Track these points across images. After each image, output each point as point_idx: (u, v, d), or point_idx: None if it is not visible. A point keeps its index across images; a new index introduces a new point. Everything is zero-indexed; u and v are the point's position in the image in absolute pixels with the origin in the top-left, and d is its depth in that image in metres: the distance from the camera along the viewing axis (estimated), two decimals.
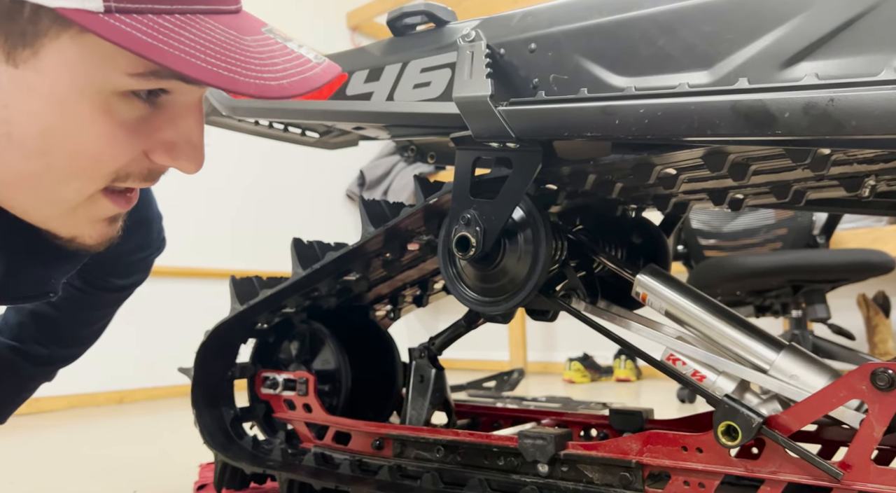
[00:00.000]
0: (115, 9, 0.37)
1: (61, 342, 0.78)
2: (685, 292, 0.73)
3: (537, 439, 0.70)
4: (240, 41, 0.41)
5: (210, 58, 0.39)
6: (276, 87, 0.40)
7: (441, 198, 0.76)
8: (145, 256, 0.81)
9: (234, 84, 0.39)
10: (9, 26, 0.38)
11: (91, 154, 0.42)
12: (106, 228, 0.48)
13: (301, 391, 0.96)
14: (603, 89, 0.58)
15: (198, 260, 2.84)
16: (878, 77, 0.42)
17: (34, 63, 0.39)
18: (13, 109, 0.39)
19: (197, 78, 0.38)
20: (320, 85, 0.43)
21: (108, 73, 0.39)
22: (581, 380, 2.84)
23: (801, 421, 0.59)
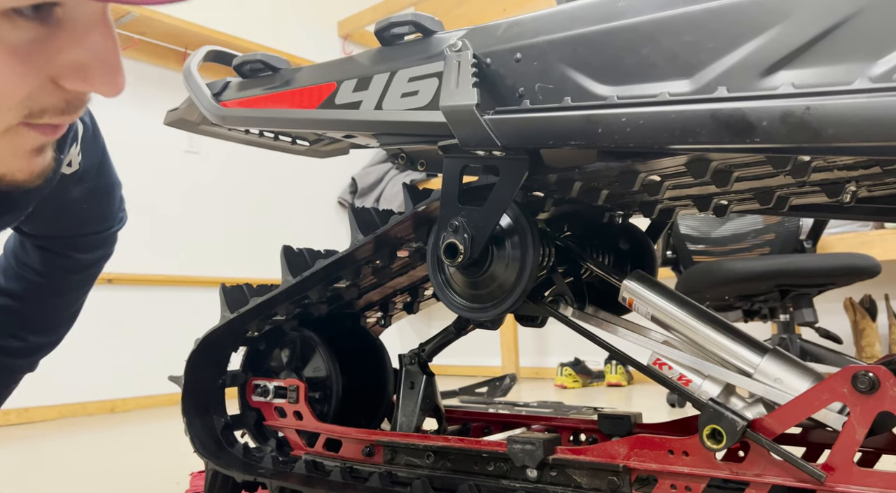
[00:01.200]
0: None
1: (36, 332, 0.77)
2: (671, 297, 0.74)
3: (526, 444, 0.71)
4: None
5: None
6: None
7: (430, 205, 0.77)
8: (108, 227, 0.80)
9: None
10: None
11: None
12: (35, 159, 0.45)
13: (292, 399, 0.96)
14: (587, 98, 0.59)
15: (189, 268, 2.84)
16: (852, 85, 0.43)
17: None
18: None
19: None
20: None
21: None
22: (573, 385, 2.84)
23: (785, 424, 0.60)
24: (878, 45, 0.47)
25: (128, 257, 2.60)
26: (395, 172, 3.68)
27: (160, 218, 2.77)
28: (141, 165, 2.69)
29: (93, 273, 0.81)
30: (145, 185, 2.71)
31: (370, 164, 3.76)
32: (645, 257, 0.92)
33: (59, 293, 0.78)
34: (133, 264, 2.62)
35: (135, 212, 2.86)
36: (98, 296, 2.62)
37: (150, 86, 2.81)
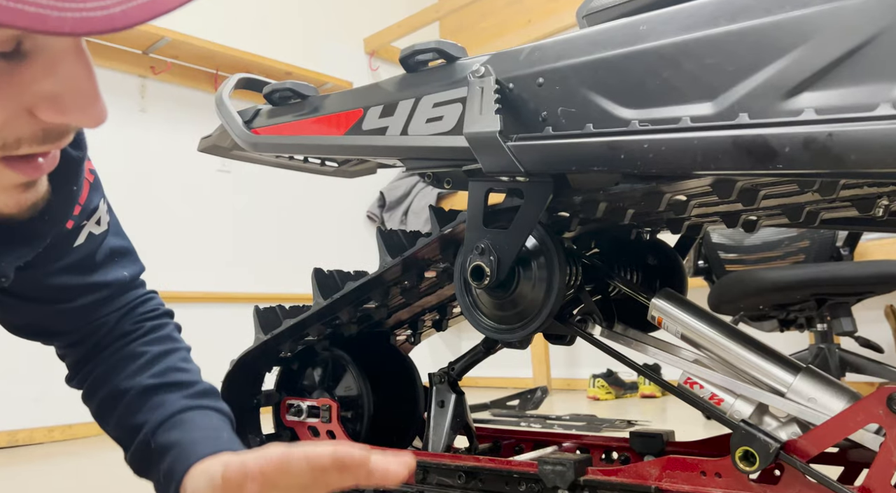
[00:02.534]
0: None
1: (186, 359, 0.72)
2: (701, 316, 0.74)
3: (557, 465, 0.71)
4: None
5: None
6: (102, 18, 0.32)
7: (456, 228, 0.78)
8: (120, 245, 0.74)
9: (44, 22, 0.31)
10: None
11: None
12: (22, 194, 0.44)
13: (325, 418, 0.98)
14: (610, 121, 0.60)
15: (223, 285, 2.89)
16: (875, 112, 0.43)
17: None
18: None
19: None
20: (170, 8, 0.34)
21: None
22: (605, 397, 2.81)
23: (820, 446, 0.59)
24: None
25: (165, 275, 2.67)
26: (423, 185, 3.70)
27: (194, 236, 2.83)
28: (175, 185, 2.76)
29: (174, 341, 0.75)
30: (180, 204, 2.78)
31: (398, 178, 3.79)
32: (674, 272, 0.92)
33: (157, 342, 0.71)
34: (169, 283, 2.68)
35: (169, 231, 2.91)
36: None
37: (183, 108, 2.89)
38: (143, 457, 0.64)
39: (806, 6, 0.52)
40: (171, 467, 0.59)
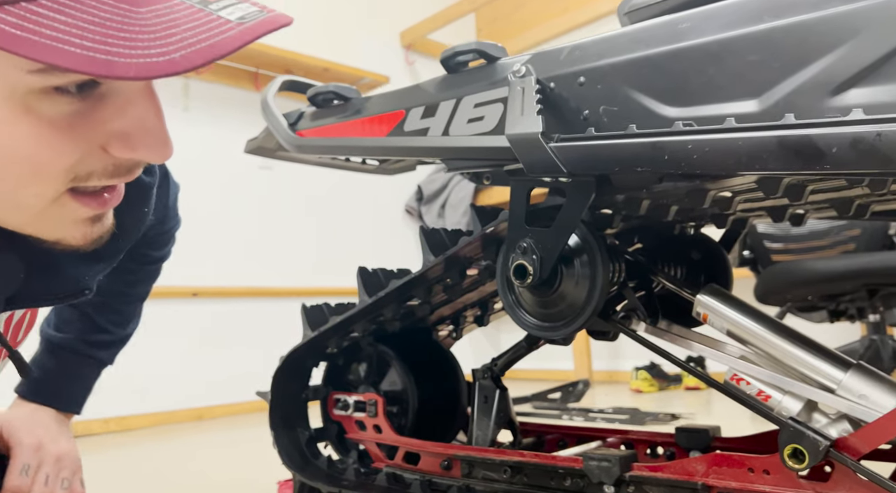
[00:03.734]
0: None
1: (117, 324, 0.84)
2: (747, 312, 0.73)
3: (602, 461, 0.71)
4: (129, 15, 0.37)
5: (87, 41, 0.35)
6: (164, 63, 0.35)
7: (497, 226, 0.79)
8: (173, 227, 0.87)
9: (111, 68, 0.34)
10: None
11: (27, 157, 0.40)
12: (88, 228, 0.47)
13: (371, 413, 1.00)
14: (653, 120, 0.60)
15: (267, 279, 2.95)
16: None
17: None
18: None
19: (67, 67, 0.34)
20: (227, 52, 0.37)
21: (9, 73, 0.37)
22: (649, 389, 2.79)
23: (871, 443, 0.58)
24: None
25: (211, 271, 2.74)
26: (459, 178, 3.71)
27: (238, 232, 2.90)
28: (217, 181, 2.82)
29: (157, 268, 0.89)
30: (224, 201, 2.85)
31: (435, 171, 3.81)
32: (718, 267, 0.91)
33: (132, 284, 0.85)
34: (216, 278, 2.75)
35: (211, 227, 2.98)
36: (185, 309, 2.75)
37: (224, 106, 2.95)
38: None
39: (854, 1, 0.51)
40: None
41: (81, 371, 0.83)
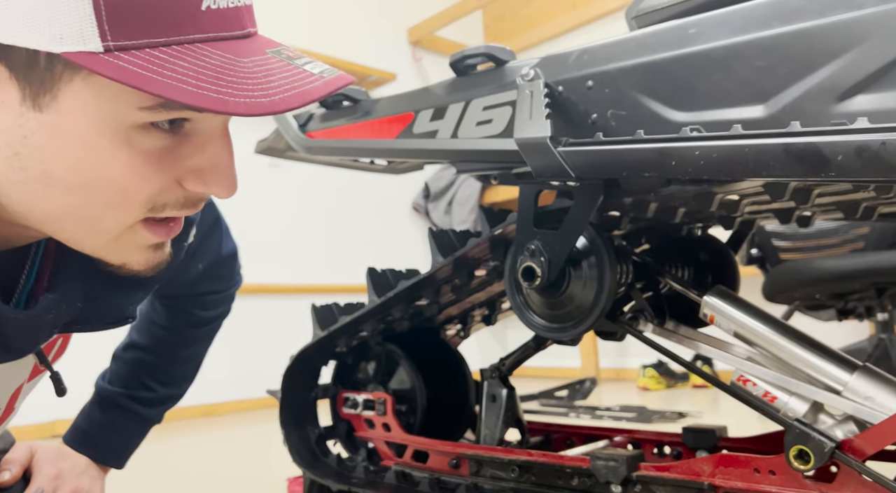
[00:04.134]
0: (113, 47, 0.39)
1: (163, 383, 0.86)
2: (754, 314, 0.74)
3: (609, 460, 0.72)
4: (236, 64, 0.42)
5: (202, 82, 0.40)
6: (266, 103, 0.41)
7: (506, 228, 0.80)
8: (226, 288, 0.88)
9: (224, 105, 0.40)
10: (30, 75, 0.41)
11: (119, 185, 0.44)
12: (151, 254, 0.51)
13: (380, 411, 1.01)
14: (660, 124, 0.61)
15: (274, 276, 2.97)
16: None
17: (55, 106, 0.42)
18: (45, 149, 0.43)
19: (188, 103, 0.40)
20: (316, 98, 0.44)
21: (121, 108, 0.42)
22: (656, 387, 2.79)
23: (877, 445, 0.59)
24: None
25: None
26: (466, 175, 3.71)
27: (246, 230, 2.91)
28: None
29: (213, 328, 0.90)
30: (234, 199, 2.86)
31: (442, 169, 3.81)
32: (726, 268, 0.92)
33: (183, 345, 0.87)
34: None
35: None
36: None
37: None
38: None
39: (861, 7, 0.51)
40: None
41: (123, 425, 0.85)
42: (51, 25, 0.39)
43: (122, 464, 0.86)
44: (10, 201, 0.46)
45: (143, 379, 0.84)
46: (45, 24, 0.39)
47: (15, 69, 0.41)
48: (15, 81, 0.41)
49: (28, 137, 0.42)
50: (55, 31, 0.39)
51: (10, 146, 0.43)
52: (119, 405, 0.83)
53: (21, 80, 0.41)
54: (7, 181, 0.45)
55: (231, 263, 0.84)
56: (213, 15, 0.43)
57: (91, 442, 0.82)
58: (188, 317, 0.85)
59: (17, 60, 0.41)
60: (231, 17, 0.44)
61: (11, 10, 0.39)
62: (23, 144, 0.43)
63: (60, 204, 0.45)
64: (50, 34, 0.39)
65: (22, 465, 0.75)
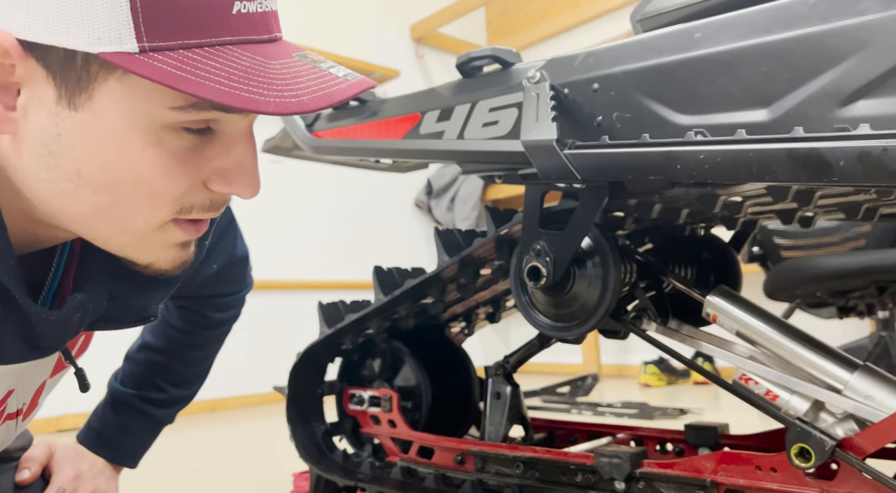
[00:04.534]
0: (148, 48, 0.41)
1: (175, 384, 0.87)
2: (756, 313, 0.75)
3: (613, 457, 0.73)
4: (265, 65, 0.44)
5: (233, 82, 0.42)
6: (295, 103, 0.43)
7: (511, 228, 0.81)
8: (238, 291, 0.89)
9: (255, 104, 0.41)
10: (67, 75, 0.42)
11: (148, 184, 0.45)
12: (178, 252, 0.52)
13: (386, 408, 1.02)
14: (665, 127, 0.61)
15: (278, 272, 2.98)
16: None
17: (90, 105, 0.43)
18: (78, 148, 0.44)
19: (220, 102, 0.41)
20: (343, 99, 0.45)
21: (153, 107, 0.43)
22: (657, 384, 2.81)
23: (876, 443, 0.60)
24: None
25: None
26: None
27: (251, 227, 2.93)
28: None
29: (225, 330, 0.91)
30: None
31: (444, 165, 3.82)
32: (728, 267, 0.93)
33: (195, 347, 0.89)
34: None
35: None
36: None
37: None
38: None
39: (863, 14, 0.52)
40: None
41: (136, 426, 0.86)
42: (89, 27, 0.40)
43: (135, 464, 0.87)
44: (41, 201, 0.47)
45: (156, 380, 0.85)
46: (84, 25, 0.40)
47: (52, 69, 0.42)
48: (51, 81, 0.43)
49: (63, 135, 0.44)
50: (93, 32, 0.40)
51: (45, 145, 0.44)
52: (132, 406, 0.84)
53: (58, 80, 0.43)
54: (38, 180, 0.46)
55: (243, 265, 0.86)
56: (242, 19, 0.44)
57: (105, 443, 0.84)
58: (201, 319, 0.86)
59: (54, 61, 0.42)
60: (259, 22, 0.45)
61: (50, 12, 0.40)
62: (57, 143, 0.44)
63: (91, 203, 0.46)
64: (88, 35, 0.40)
65: (41, 464, 0.76)
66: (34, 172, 0.46)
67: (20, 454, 0.77)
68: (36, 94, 0.43)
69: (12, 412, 0.63)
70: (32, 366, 0.59)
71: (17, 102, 0.44)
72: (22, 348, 0.54)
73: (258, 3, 0.45)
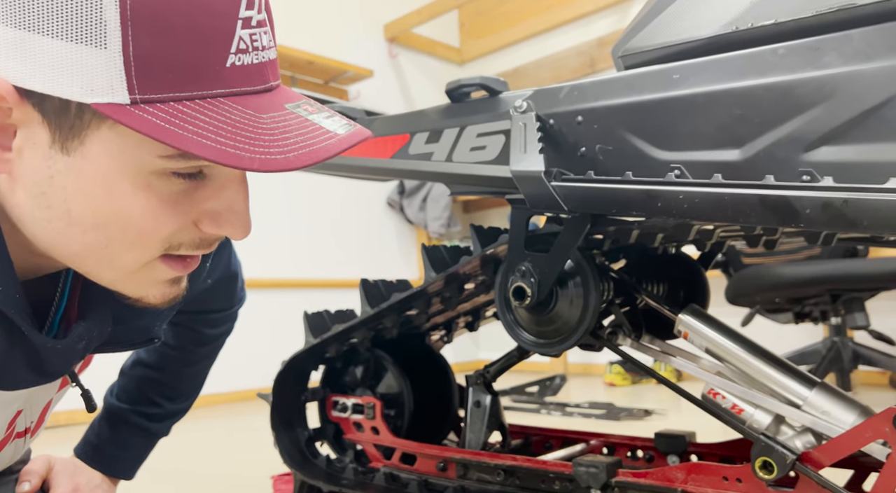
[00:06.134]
0: (140, 100, 0.42)
1: (169, 399, 0.89)
2: (724, 332, 0.80)
3: (590, 467, 0.78)
4: (255, 120, 0.44)
5: (220, 137, 0.42)
6: (281, 161, 0.43)
7: (497, 248, 0.85)
8: (230, 307, 0.91)
9: (239, 161, 0.42)
10: (61, 121, 0.44)
11: (136, 226, 0.46)
12: (168, 288, 0.53)
13: (369, 415, 1.06)
14: (645, 162, 0.66)
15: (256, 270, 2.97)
16: (886, 185, 0.48)
17: (82, 150, 0.44)
18: (69, 190, 0.45)
19: (205, 157, 0.41)
20: (328, 156, 0.45)
21: (142, 156, 0.44)
22: (622, 383, 2.89)
23: (832, 457, 0.66)
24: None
25: None
26: None
27: None
28: None
29: (218, 345, 0.93)
30: None
31: None
32: (697, 284, 0.98)
33: (188, 363, 0.90)
34: None
35: None
36: None
37: None
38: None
39: (827, 67, 0.57)
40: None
41: (132, 441, 0.88)
42: (83, 78, 0.42)
43: (131, 476, 0.89)
44: (35, 237, 0.49)
45: (151, 395, 0.87)
46: (78, 76, 0.42)
47: (47, 115, 0.44)
48: (46, 126, 0.44)
49: (55, 177, 0.45)
50: (87, 83, 0.42)
51: (38, 185, 0.46)
52: (127, 421, 0.86)
53: (52, 125, 0.44)
54: (32, 218, 0.48)
55: (236, 280, 0.87)
56: (236, 71, 0.45)
57: (102, 457, 0.85)
58: (194, 335, 0.87)
59: (50, 107, 0.44)
60: (254, 73, 0.46)
61: (47, 63, 0.42)
62: (49, 184, 0.46)
63: (81, 242, 0.48)
64: (81, 86, 0.42)
65: (41, 476, 0.78)
66: (28, 209, 0.47)
67: (20, 466, 0.78)
68: (31, 136, 0.45)
69: (21, 431, 0.64)
70: (40, 388, 0.61)
71: (13, 143, 0.45)
72: (30, 375, 0.56)
73: (254, 54, 0.46)
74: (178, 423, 0.93)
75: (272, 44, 0.49)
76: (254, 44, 0.46)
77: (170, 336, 0.87)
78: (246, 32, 0.45)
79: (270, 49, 0.48)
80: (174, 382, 0.89)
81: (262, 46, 0.47)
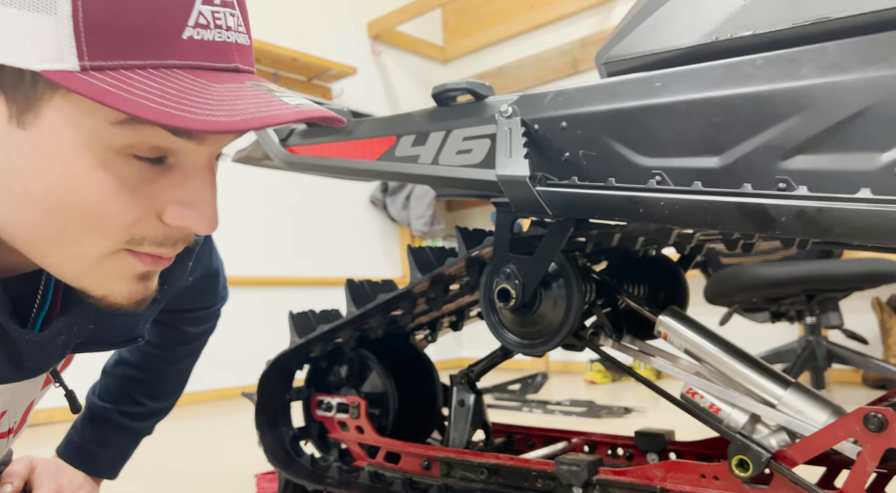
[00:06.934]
0: (90, 67, 0.41)
1: (152, 397, 0.89)
2: (703, 333, 0.82)
3: (572, 465, 0.80)
4: (205, 88, 0.43)
5: (165, 100, 0.41)
6: (225, 122, 0.41)
7: (482, 250, 0.86)
8: (213, 304, 0.91)
9: (181, 121, 0.40)
10: (15, 94, 0.42)
11: (94, 210, 0.44)
12: (135, 286, 0.50)
13: (353, 415, 1.06)
14: (627, 167, 0.67)
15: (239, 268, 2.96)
16: (856, 195, 0.50)
17: (37, 124, 0.43)
18: (26, 168, 0.43)
19: (145, 117, 0.40)
20: (278, 123, 0.43)
21: (95, 127, 0.42)
22: (602, 381, 2.92)
23: (805, 455, 0.68)
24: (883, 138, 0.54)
25: None
26: None
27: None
28: None
29: (200, 343, 0.93)
30: None
31: None
32: (677, 286, 1.00)
33: (171, 362, 0.90)
34: None
35: None
36: None
37: None
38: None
39: (803, 79, 0.59)
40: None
41: (115, 439, 0.88)
42: (33, 45, 0.40)
43: (114, 475, 0.89)
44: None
45: (133, 395, 0.87)
46: (28, 44, 0.40)
47: (4, 87, 0.42)
48: (3, 100, 0.42)
49: (12, 154, 0.44)
50: (36, 51, 0.40)
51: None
52: (110, 421, 0.86)
53: (9, 99, 0.42)
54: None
55: (218, 278, 0.88)
56: (195, 45, 0.44)
57: (85, 457, 0.85)
58: (176, 334, 0.88)
59: (6, 79, 0.42)
60: (216, 50, 0.45)
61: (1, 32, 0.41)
62: (7, 162, 0.44)
63: (40, 225, 0.45)
64: (31, 54, 0.40)
65: (23, 478, 0.77)
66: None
67: (1, 468, 0.77)
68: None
69: (4, 431, 0.64)
70: (23, 387, 0.61)
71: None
72: (8, 369, 0.55)
73: (216, 31, 0.45)
74: (162, 421, 0.93)
75: (242, 29, 0.47)
76: (216, 21, 0.45)
77: (152, 335, 0.87)
78: (207, 8, 0.44)
79: (240, 34, 0.47)
80: (157, 381, 0.89)
81: (226, 26, 0.45)
